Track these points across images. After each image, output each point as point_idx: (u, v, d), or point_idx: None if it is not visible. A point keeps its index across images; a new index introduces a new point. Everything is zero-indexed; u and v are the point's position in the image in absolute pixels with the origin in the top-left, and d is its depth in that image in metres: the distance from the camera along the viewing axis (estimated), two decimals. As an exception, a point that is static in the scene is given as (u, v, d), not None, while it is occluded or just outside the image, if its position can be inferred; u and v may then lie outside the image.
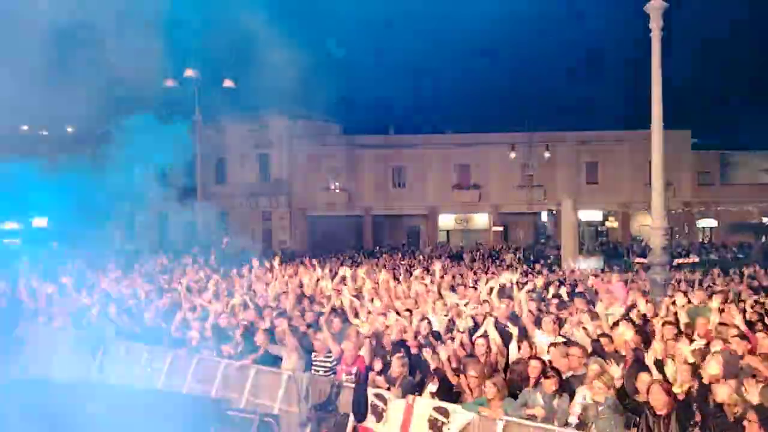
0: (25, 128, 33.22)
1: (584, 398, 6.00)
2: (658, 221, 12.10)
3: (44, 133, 33.53)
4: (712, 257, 29.95)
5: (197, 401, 6.67)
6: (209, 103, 23.65)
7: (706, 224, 42.45)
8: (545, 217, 41.24)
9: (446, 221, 43.15)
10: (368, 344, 7.59)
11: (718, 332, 7.93)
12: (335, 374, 7.66)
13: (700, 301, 9.73)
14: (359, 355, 7.52)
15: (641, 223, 38.99)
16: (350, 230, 40.01)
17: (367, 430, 7.06)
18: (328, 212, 39.31)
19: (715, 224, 41.91)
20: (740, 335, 7.49)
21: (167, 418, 5.36)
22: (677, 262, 26.44)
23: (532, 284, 10.41)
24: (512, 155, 39.23)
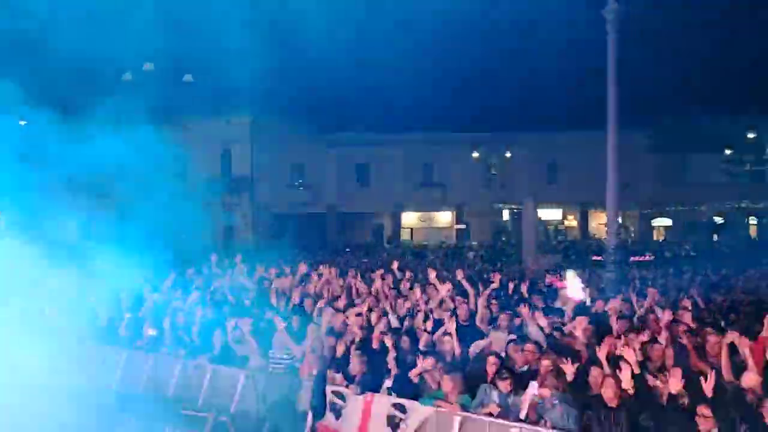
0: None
1: (536, 393, 6.13)
2: (612, 220, 12.41)
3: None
4: (667, 255, 30.86)
5: (152, 401, 6.58)
6: (169, 97, 23.23)
7: (661, 223, 43.72)
8: (507, 216, 41.86)
9: (410, 219, 43.39)
10: (327, 342, 7.58)
11: (668, 328, 8.18)
12: (294, 372, 7.62)
13: (652, 298, 10.02)
14: (319, 354, 7.50)
15: (599, 222, 39.91)
16: (314, 228, 39.84)
17: (325, 427, 7.06)
18: (291, 210, 39.06)
19: (670, 223, 43.20)
20: (689, 331, 7.77)
21: (121, 418, 5.30)
22: (633, 260, 27.19)
23: (493, 284, 10.55)
24: (475, 155, 39.68)
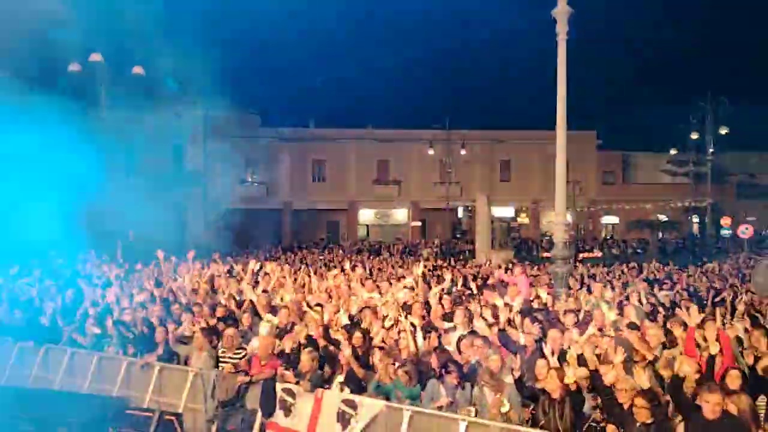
0: None
1: (483, 387, 6.24)
2: (560, 217, 12.71)
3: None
4: (614, 252, 31.85)
5: (95, 401, 6.37)
6: (119, 90, 22.52)
7: (609, 221, 45.05)
8: (461, 212, 42.35)
9: (366, 216, 43.40)
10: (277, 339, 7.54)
11: (612, 322, 8.44)
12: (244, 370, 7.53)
13: (598, 293, 10.32)
14: (271, 351, 7.43)
15: (550, 219, 40.81)
16: (269, 224, 39.38)
17: (275, 425, 7.01)
18: (245, 206, 38.48)
19: (617, 221, 44.55)
20: (631, 325, 8.04)
21: (61, 419, 5.12)
22: (582, 256, 27.96)
23: (446, 281, 10.67)
24: (430, 152, 39.98)
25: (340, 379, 7.08)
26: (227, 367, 7.50)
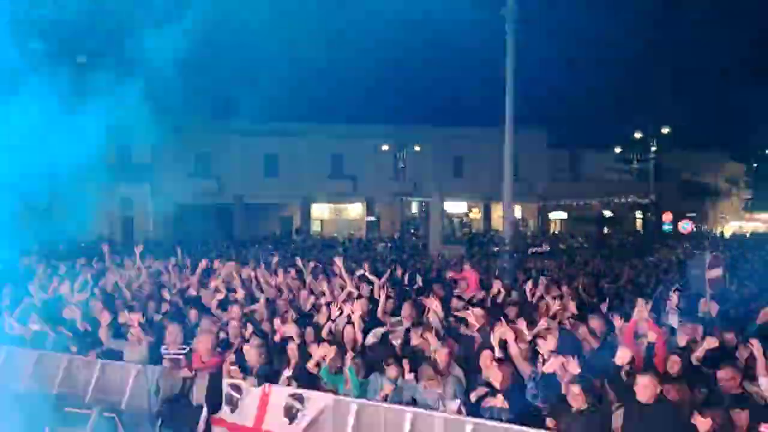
0: None
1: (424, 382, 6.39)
2: (508, 212, 12.98)
3: None
4: (561, 246, 32.67)
5: (32, 399, 6.20)
6: (59, 80, 21.67)
7: (557, 216, 46.20)
8: (415, 208, 42.66)
9: (320, 211, 43.20)
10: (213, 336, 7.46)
11: (556, 314, 8.70)
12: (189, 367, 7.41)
13: (544, 286, 10.60)
14: (210, 347, 7.33)
15: (500, 214, 41.56)
16: (220, 220, 38.73)
17: (220, 421, 6.94)
18: (195, 200, 37.73)
19: (565, 216, 45.74)
20: (573, 316, 8.33)
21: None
22: (531, 251, 28.61)
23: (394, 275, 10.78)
24: (384, 147, 40.10)
25: (287, 373, 7.06)
26: (167, 362, 7.37)
